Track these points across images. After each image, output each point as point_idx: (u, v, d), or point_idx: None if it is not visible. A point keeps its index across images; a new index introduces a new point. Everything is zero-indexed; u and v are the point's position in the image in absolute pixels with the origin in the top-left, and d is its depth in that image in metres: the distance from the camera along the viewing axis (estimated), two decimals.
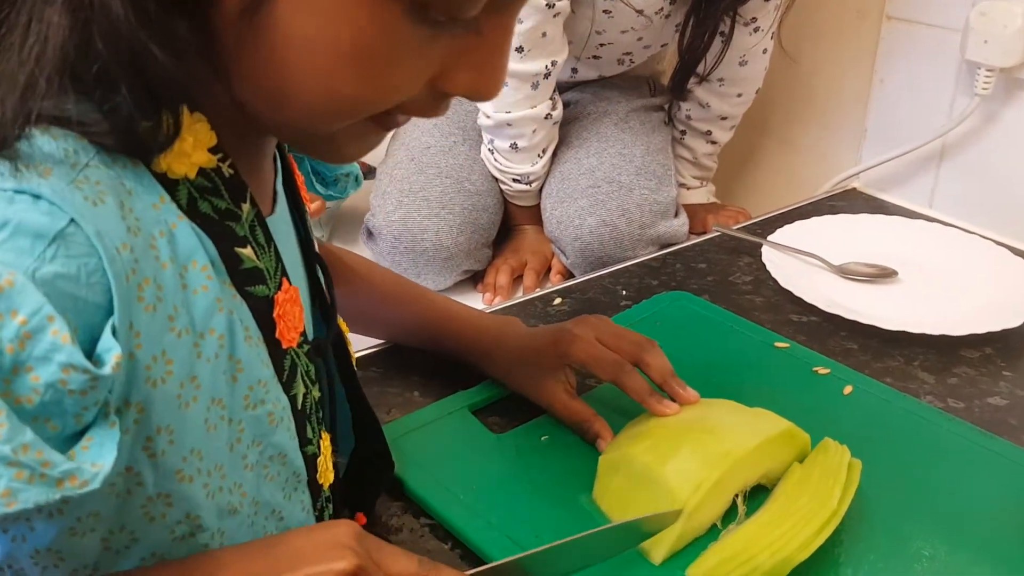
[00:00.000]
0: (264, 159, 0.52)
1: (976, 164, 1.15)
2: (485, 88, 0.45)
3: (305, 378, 0.52)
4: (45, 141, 0.38)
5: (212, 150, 0.45)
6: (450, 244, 1.13)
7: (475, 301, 1.15)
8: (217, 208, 0.45)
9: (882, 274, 1.00)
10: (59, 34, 0.38)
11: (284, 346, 0.50)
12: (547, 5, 1.05)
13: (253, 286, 0.47)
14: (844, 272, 1.00)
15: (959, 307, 0.94)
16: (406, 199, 1.14)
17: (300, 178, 0.59)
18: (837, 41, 1.28)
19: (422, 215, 1.13)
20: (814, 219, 1.09)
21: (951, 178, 1.18)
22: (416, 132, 1.20)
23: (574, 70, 1.26)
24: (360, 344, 0.82)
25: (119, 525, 0.43)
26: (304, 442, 0.52)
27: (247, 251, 0.47)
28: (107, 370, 0.37)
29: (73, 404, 0.37)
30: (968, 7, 1.09)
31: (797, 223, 1.08)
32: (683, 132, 1.29)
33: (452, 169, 1.17)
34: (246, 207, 0.47)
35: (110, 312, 0.38)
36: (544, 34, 1.07)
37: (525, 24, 1.06)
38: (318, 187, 0.69)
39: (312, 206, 0.63)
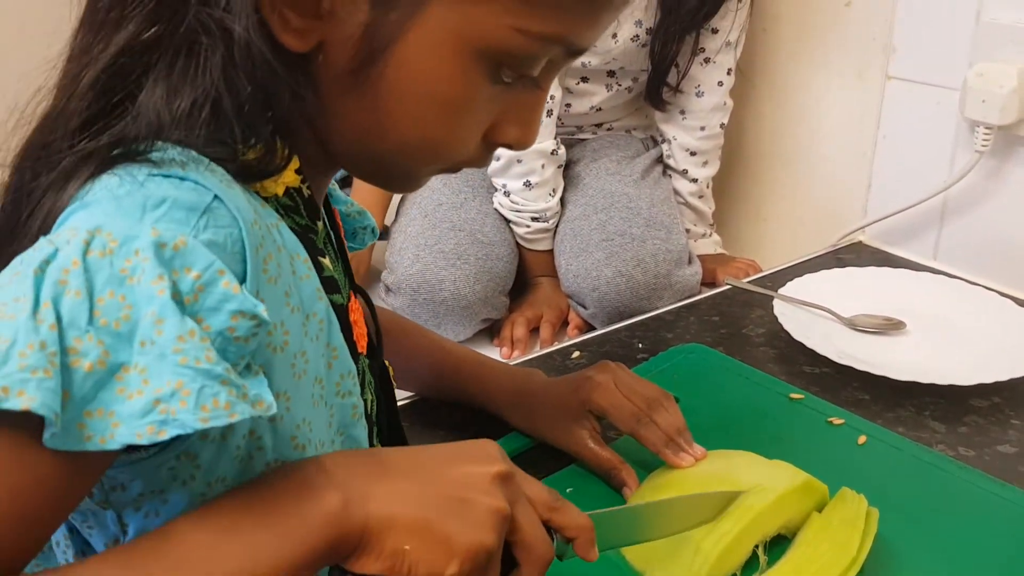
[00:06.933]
0: (320, 196, 0.56)
1: (978, 217, 1.18)
2: (527, 138, 0.52)
3: (368, 388, 0.55)
4: (171, 149, 0.44)
5: (296, 171, 0.50)
6: (468, 293, 1.16)
7: (493, 355, 1.17)
8: (298, 224, 0.50)
9: (891, 326, 1.02)
10: (217, 78, 0.44)
11: (358, 351, 0.54)
12: None
13: (331, 294, 0.51)
14: (854, 324, 1.02)
15: (967, 357, 0.95)
16: (423, 253, 1.18)
17: (340, 224, 0.63)
18: (841, 100, 1.32)
19: (439, 266, 1.16)
20: (823, 272, 1.12)
21: (954, 231, 1.21)
22: (427, 192, 1.25)
23: (568, 105, 1.31)
24: None
25: None
26: (371, 446, 0.54)
27: (326, 261, 0.52)
28: (267, 316, 0.41)
29: (235, 352, 0.41)
30: (966, 67, 1.13)
31: (806, 276, 1.10)
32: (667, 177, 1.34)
33: (464, 222, 1.21)
34: (320, 225, 0.52)
35: (243, 279, 0.42)
36: None
37: None
38: None
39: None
